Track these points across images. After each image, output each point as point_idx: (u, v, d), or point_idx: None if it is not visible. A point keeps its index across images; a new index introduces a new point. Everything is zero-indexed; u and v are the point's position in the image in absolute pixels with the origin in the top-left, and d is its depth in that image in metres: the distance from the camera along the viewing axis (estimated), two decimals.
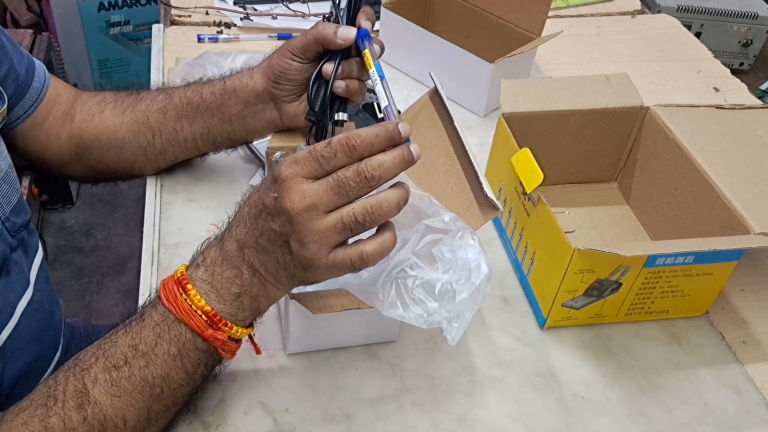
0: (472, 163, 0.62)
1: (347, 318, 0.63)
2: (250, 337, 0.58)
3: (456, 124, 0.65)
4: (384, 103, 0.60)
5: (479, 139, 0.93)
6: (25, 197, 1.58)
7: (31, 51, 1.68)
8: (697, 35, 2.11)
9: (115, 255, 1.86)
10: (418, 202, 0.61)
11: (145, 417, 0.53)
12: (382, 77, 0.61)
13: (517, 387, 0.65)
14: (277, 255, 0.52)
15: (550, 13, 1.00)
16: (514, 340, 0.69)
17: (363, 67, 0.66)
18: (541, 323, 0.70)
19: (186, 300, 0.53)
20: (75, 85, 2.17)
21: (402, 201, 0.51)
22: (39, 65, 0.73)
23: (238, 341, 0.56)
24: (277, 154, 0.70)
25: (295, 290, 0.59)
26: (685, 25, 1.26)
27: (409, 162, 0.51)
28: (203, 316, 0.53)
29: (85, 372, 0.52)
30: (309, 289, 0.60)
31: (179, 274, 0.54)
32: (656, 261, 0.65)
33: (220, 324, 0.53)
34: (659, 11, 2.11)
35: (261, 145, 0.88)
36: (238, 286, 0.53)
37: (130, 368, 0.52)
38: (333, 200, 0.50)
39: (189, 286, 0.53)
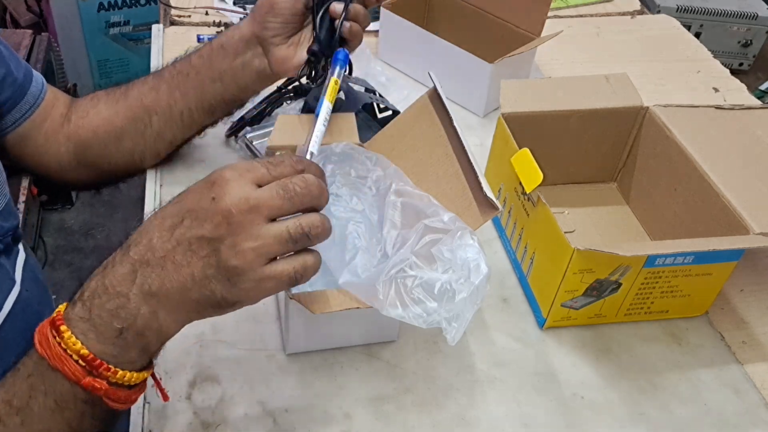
0: (471, 163, 0.62)
1: (347, 318, 0.62)
2: (155, 379, 0.52)
3: (455, 123, 0.65)
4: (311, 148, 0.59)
5: (479, 140, 0.93)
6: (24, 198, 1.56)
7: (30, 51, 1.68)
8: (697, 35, 2.12)
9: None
10: (418, 202, 0.62)
11: None
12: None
13: (517, 387, 0.65)
14: (193, 268, 0.45)
15: (550, 14, 1.00)
16: (514, 340, 0.69)
17: (368, 15, 0.69)
18: (541, 323, 0.71)
19: (59, 343, 0.45)
20: (74, 86, 2.16)
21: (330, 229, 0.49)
22: (37, 74, 0.73)
23: (133, 387, 0.48)
24: (278, 153, 0.70)
25: (294, 290, 0.57)
26: (684, 26, 1.26)
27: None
28: (79, 360, 0.45)
29: None
30: (308, 288, 0.59)
31: (55, 314, 0.47)
32: (656, 261, 0.65)
33: (101, 369, 0.45)
34: (659, 11, 2.12)
35: (261, 144, 0.88)
36: (121, 320, 0.46)
37: (6, 427, 0.45)
38: (278, 205, 0.46)
39: (63, 327, 0.45)
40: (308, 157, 0.57)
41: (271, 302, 0.70)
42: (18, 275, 0.66)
